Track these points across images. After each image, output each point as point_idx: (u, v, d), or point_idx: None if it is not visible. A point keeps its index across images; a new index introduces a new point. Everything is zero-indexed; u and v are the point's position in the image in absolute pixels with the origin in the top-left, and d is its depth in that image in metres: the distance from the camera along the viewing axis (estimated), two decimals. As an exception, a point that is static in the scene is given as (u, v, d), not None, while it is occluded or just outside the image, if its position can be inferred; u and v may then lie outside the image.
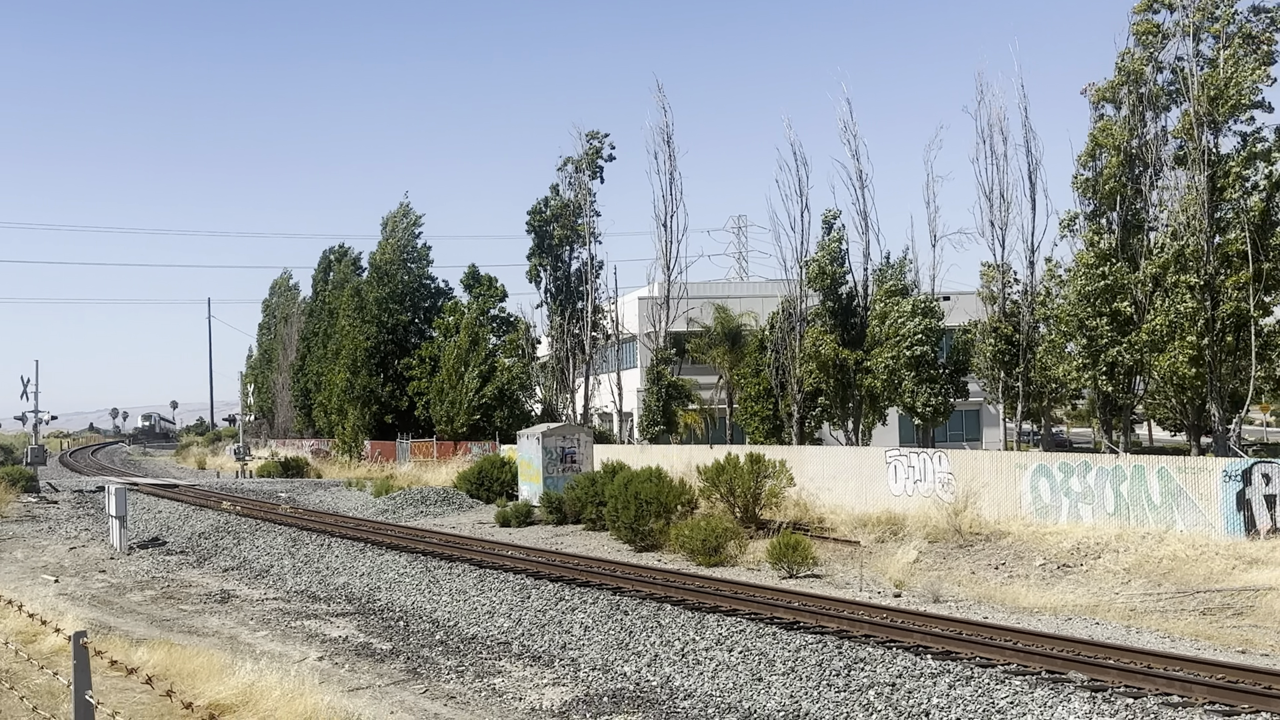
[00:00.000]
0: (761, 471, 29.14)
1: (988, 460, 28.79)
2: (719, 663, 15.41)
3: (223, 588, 24.51)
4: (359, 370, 68.39)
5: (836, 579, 22.59)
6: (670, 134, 50.90)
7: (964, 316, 43.75)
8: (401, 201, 71.77)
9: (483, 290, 63.02)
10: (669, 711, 14.07)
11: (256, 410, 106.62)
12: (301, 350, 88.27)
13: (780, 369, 44.02)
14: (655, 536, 27.63)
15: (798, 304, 43.85)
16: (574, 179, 54.51)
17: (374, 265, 71.51)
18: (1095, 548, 23.40)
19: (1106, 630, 17.13)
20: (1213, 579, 20.63)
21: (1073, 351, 35.21)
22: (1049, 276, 37.98)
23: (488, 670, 16.40)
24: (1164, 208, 33.60)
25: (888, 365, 38.90)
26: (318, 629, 19.70)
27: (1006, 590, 20.77)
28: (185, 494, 42.76)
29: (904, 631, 15.50)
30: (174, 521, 35.08)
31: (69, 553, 30.15)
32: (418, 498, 40.16)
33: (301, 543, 28.50)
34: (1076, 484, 25.77)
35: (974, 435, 61.08)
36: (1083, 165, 35.12)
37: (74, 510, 40.68)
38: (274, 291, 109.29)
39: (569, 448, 36.60)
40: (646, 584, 20.02)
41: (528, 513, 34.35)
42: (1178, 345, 30.53)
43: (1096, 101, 35.21)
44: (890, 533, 27.05)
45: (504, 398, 58.42)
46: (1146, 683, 12.61)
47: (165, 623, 20.20)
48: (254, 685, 11.73)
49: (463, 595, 21.08)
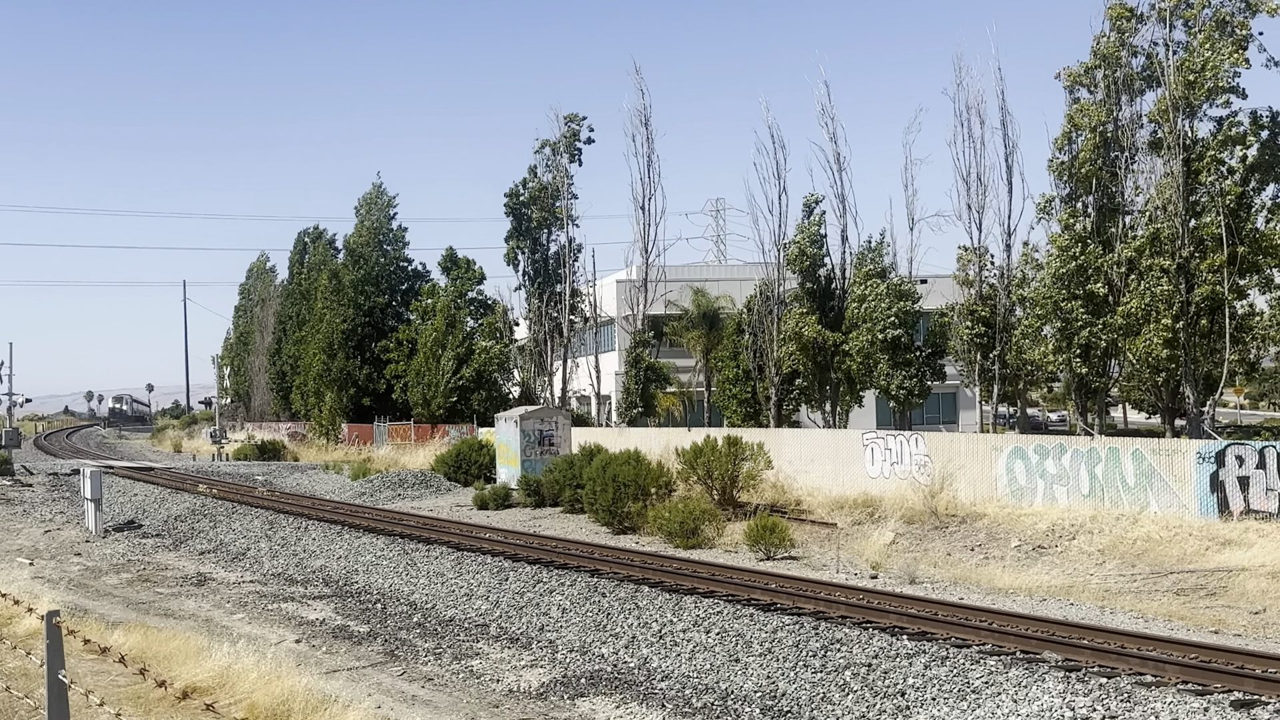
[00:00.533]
0: (739, 454, 29.20)
1: (964, 442, 28.92)
2: (696, 644, 15.45)
3: (199, 570, 24.43)
4: (335, 353, 68.14)
5: (814, 561, 22.68)
6: (648, 116, 50.86)
7: (941, 299, 43.88)
8: (374, 182, 71.24)
9: (460, 273, 62.81)
10: (646, 692, 14.11)
11: (233, 393, 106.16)
12: (278, 333, 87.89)
13: (758, 352, 44.08)
14: (633, 519, 27.67)
15: (775, 287, 43.88)
16: (552, 162, 54.35)
17: (349, 248, 71.10)
18: (1070, 529, 23.56)
19: (1081, 611, 17.26)
20: (1186, 560, 20.81)
21: (1048, 334, 35.36)
22: (1025, 260, 38.12)
23: (465, 652, 16.41)
24: (1140, 191, 33.73)
25: (863, 348, 38.99)
26: (295, 612, 19.66)
27: (982, 571, 20.89)
28: (161, 477, 42.56)
29: (880, 612, 15.57)
30: (150, 504, 34.93)
31: (44, 536, 29.99)
32: (395, 480, 40.09)
33: (279, 526, 28.42)
34: (1052, 466, 25.92)
35: (950, 418, 61.32)
36: (1059, 149, 35.20)
37: (49, 493, 40.45)
38: (251, 274, 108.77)
39: (547, 430, 36.57)
40: (624, 566, 20.05)
41: (506, 495, 34.34)
42: (1153, 328, 30.69)
43: (1070, 85, 35.27)
44: (867, 515, 27.17)
45: (482, 380, 58.32)
46: (1120, 662, 12.71)
47: (141, 605, 20.13)
48: (231, 668, 11.70)
49: (440, 578, 21.07)
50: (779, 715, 13.01)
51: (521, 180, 54.87)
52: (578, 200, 55.15)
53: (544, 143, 54.23)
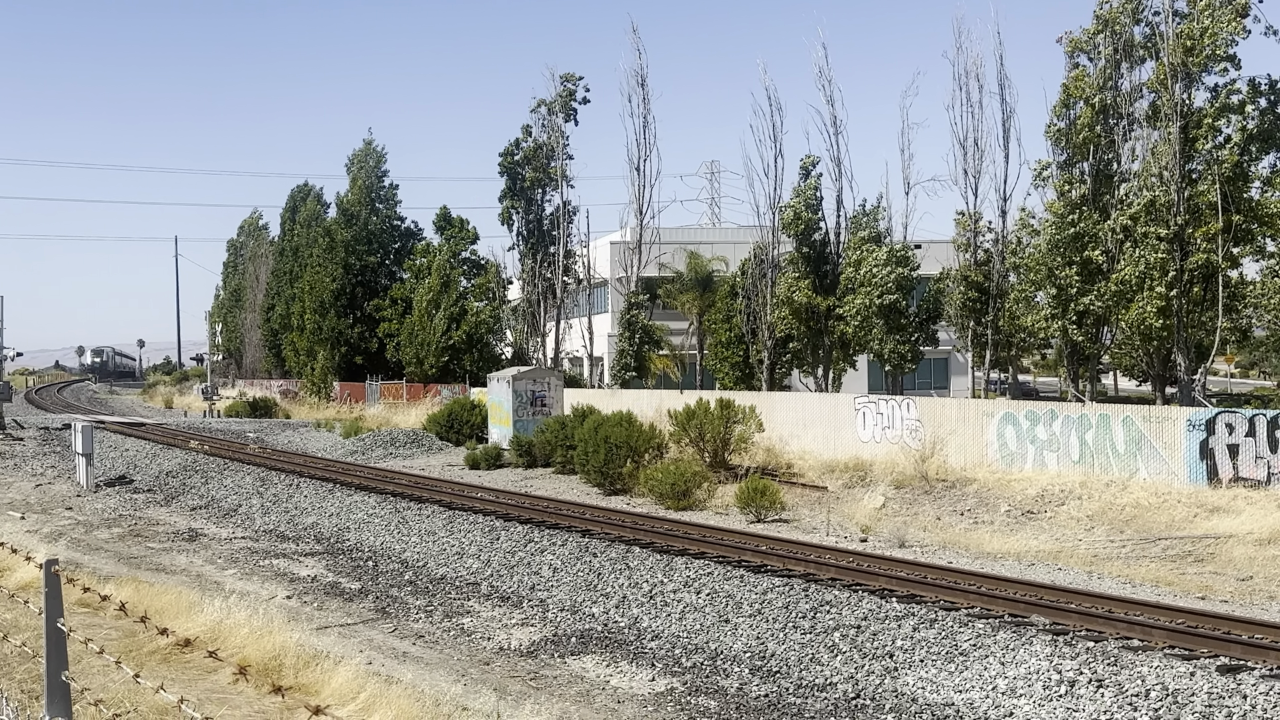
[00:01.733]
0: (731, 417, 29.25)
1: (955, 408, 28.99)
2: (686, 604, 15.52)
3: (190, 526, 24.46)
4: (327, 311, 68.00)
5: (804, 524, 22.77)
6: (645, 77, 50.46)
7: (936, 265, 43.83)
8: (365, 139, 70.66)
9: (454, 232, 62.59)
10: (636, 652, 14.18)
11: (224, 350, 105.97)
12: (271, 290, 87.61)
13: (751, 315, 44.06)
14: (624, 480, 27.74)
15: (770, 250, 43.77)
16: (547, 121, 54.00)
17: (341, 206, 70.75)
18: (1060, 495, 23.67)
19: (1069, 576, 17.36)
20: (1175, 526, 20.92)
21: (1042, 301, 35.37)
22: (1021, 226, 38.06)
23: (456, 610, 16.47)
24: (1136, 158, 33.63)
25: (860, 312, 38.98)
26: (286, 568, 19.71)
27: (971, 536, 20.99)
28: (152, 433, 42.54)
29: (870, 575, 15.65)
30: (141, 460, 34.92)
31: (35, 490, 29.98)
32: (387, 439, 40.12)
33: (270, 482, 28.45)
34: (1042, 432, 26.00)
35: (942, 383, 61.43)
36: (1056, 115, 35.09)
37: (40, 448, 40.40)
38: (242, 231, 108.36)
39: (539, 391, 36.58)
40: (615, 527, 20.11)
41: (497, 456, 34.39)
42: (1146, 296, 30.71)
43: (1071, 51, 35.11)
44: (858, 478, 27.26)
45: (474, 341, 58.24)
46: (1108, 627, 12.80)
47: (133, 560, 20.16)
48: (222, 623, 11.73)
49: (432, 536, 21.12)
50: (768, 675, 13.09)
51: (516, 140, 54.58)
52: (573, 161, 54.91)
53: (540, 102, 53.89)
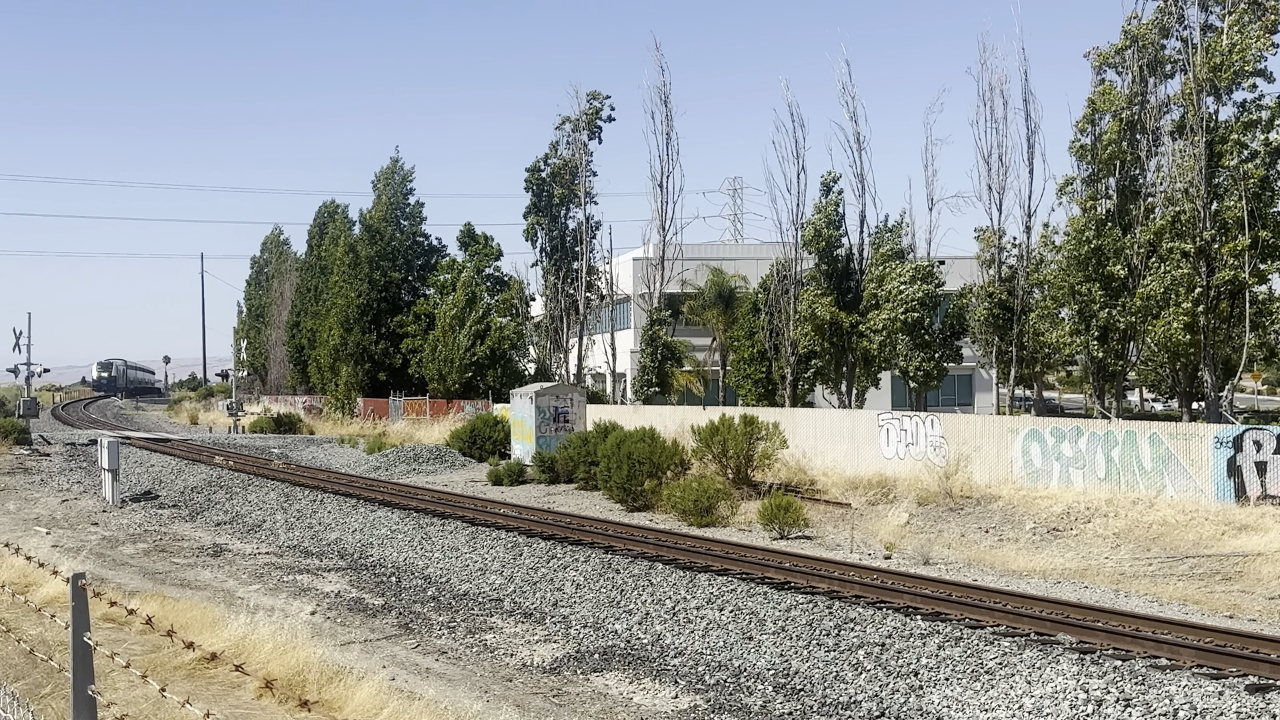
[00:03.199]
0: (754, 433, 29.18)
1: (980, 424, 28.84)
2: (710, 621, 15.48)
3: (215, 541, 24.56)
4: (352, 327, 68.25)
5: (828, 540, 22.68)
6: (668, 93, 50.58)
7: (959, 280, 43.71)
8: (392, 157, 71.16)
9: (478, 249, 62.76)
10: (660, 669, 14.14)
11: (249, 366, 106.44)
12: (296, 307, 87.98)
13: (774, 331, 43.98)
14: (647, 496, 27.70)
15: (793, 266, 43.73)
16: (572, 139, 54.12)
17: (365, 223, 71.10)
18: (1085, 512, 23.51)
19: (1095, 594, 17.22)
20: (1202, 544, 20.74)
21: (1065, 317, 35.22)
22: (1044, 242, 37.92)
23: (479, 626, 16.47)
24: (1162, 174, 33.47)
25: (884, 328, 38.87)
26: (310, 584, 19.75)
27: (996, 553, 20.87)
28: (178, 448, 42.76)
29: (894, 593, 15.57)
30: (166, 475, 35.10)
31: (61, 505, 30.17)
32: (410, 455, 40.20)
33: (294, 498, 28.54)
34: (1068, 449, 25.85)
35: (966, 400, 61.19)
36: (1081, 131, 34.99)
37: (66, 463, 40.67)
38: (265, 247, 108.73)
39: (562, 407, 36.61)
40: (638, 543, 20.08)
41: (520, 471, 34.41)
42: (1172, 312, 30.53)
43: (1099, 66, 35.02)
44: (882, 495, 27.14)
45: (497, 357, 58.34)
46: (1135, 645, 12.69)
47: (158, 575, 20.25)
48: (247, 638, 11.77)
49: (455, 552, 21.14)
50: (792, 693, 13.03)
51: (543, 156, 54.70)
52: (596, 177, 55.01)
53: (564, 119, 54.02)
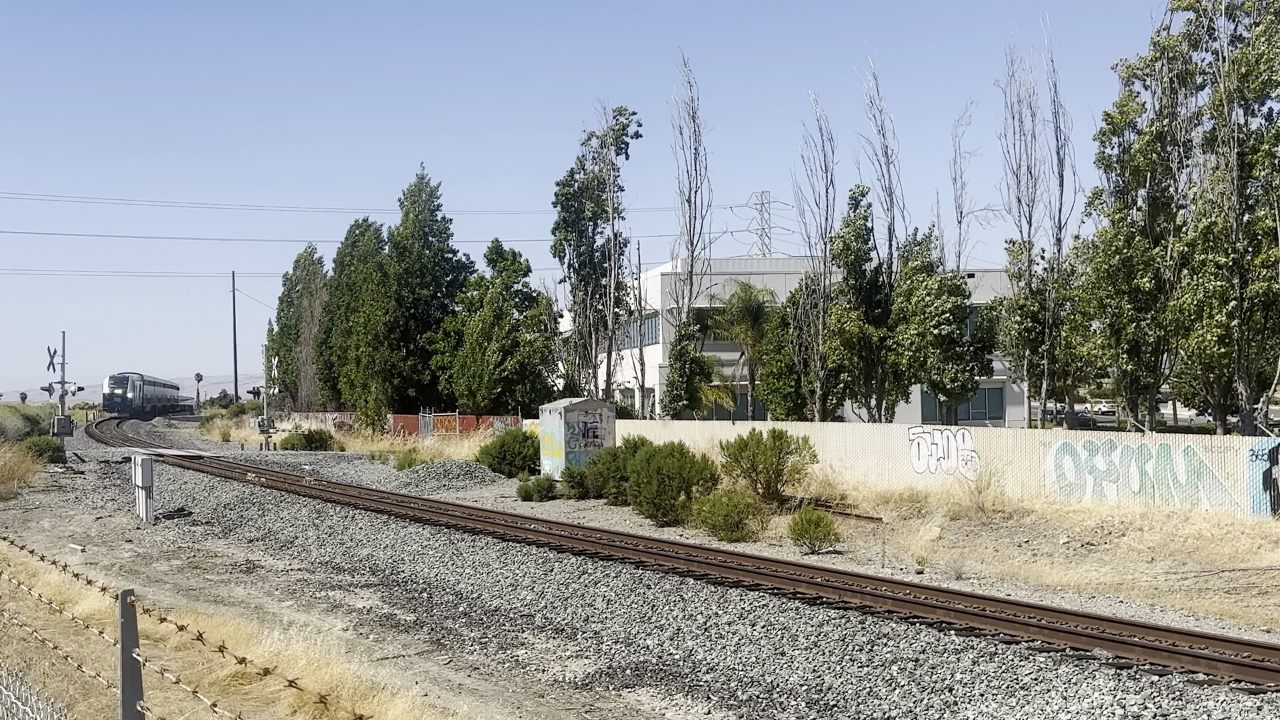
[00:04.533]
0: (784, 448, 29.11)
1: (1011, 438, 28.68)
2: (741, 637, 15.44)
3: (248, 558, 24.69)
4: (381, 344, 68.60)
5: (859, 555, 22.58)
6: (695, 109, 50.68)
7: (989, 294, 43.53)
8: (418, 174, 71.45)
9: (506, 265, 63.00)
10: (692, 684, 14.11)
11: (280, 383, 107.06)
12: (325, 324, 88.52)
13: (803, 346, 43.89)
14: (677, 511, 27.67)
15: (822, 280, 43.65)
16: (599, 154, 54.29)
17: (394, 240, 71.52)
18: (1120, 526, 23.32)
19: (1131, 608, 17.07)
20: (1238, 558, 20.53)
21: (1096, 330, 35.00)
22: (1075, 254, 37.71)
23: (511, 642, 16.49)
24: (1193, 185, 33.26)
25: (914, 342, 38.75)
26: (342, 600, 19.83)
27: (1030, 568, 20.72)
28: (210, 465, 43.05)
29: (927, 608, 15.48)
30: (199, 492, 35.33)
31: (95, 522, 30.41)
32: (440, 471, 40.32)
33: (326, 514, 28.67)
34: (1101, 462, 25.66)
35: (997, 413, 60.87)
36: (1104, 143, 34.81)
37: (100, 480, 41.00)
38: (297, 265, 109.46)
39: (591, 423, 36.65)
40: (669, 558, 20.05)
41: (549, 487, 34.44)
42: (1206, 324, 30.30)
43: (1127, 78, 34.86)
44: (913, 510, 27.02)
45: (526, 372, 58.48)
46: (1172, 660, 12.57)
47: (192, 592, 20.37)
48: (280, 654, 11.84)
49: (486, 568, 21.17)
50: (825, 709, 12.97)
51: (570, 172, 54.89)
52: (624, 193, 55.14)
53: (590, 135, 54.21)
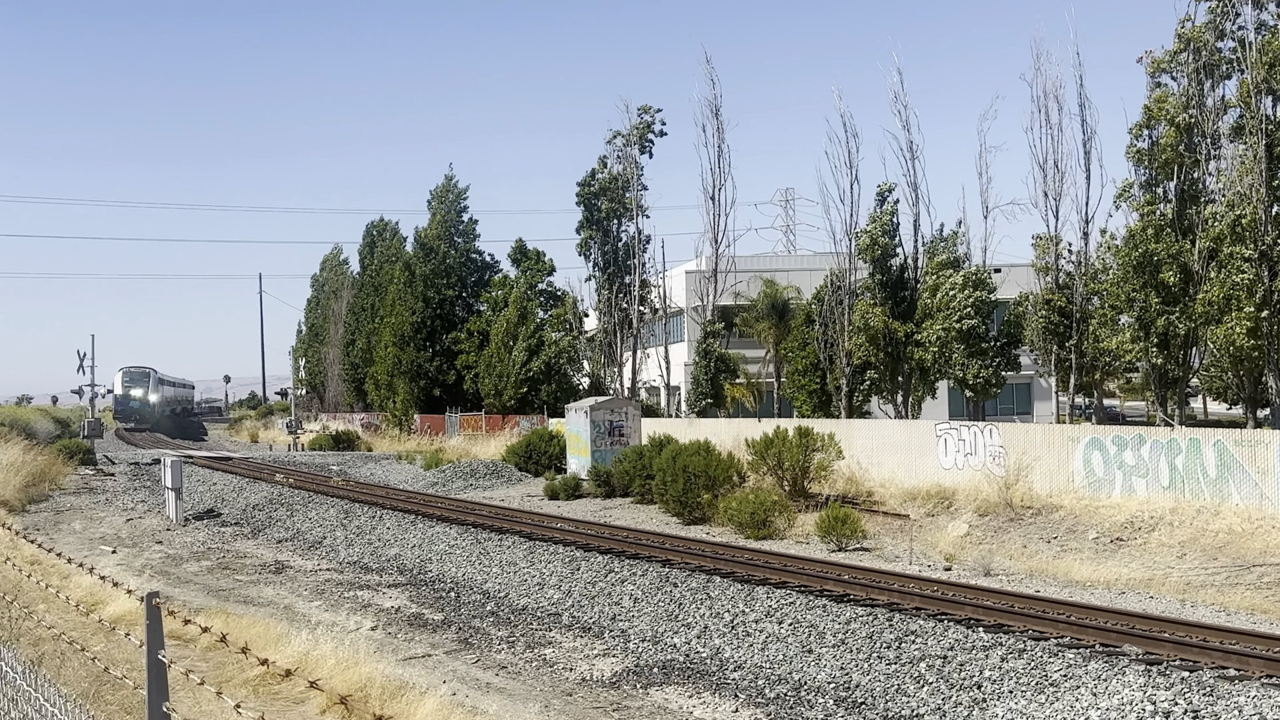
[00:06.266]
0: (810, 445, 29.06)
1: (1039, 433, 28.52)
2: (769, 634, 15.42)
3: (277, 559, 24.83)
4: (407, 345, 68.85)
5: (886, 552, 22.52)
6: (718, 106, 50.58)
7: (1016, 289, 43.28)
8: (446, 175, 71.97)
9: (530, 264, 63.12)
10: (719, 682, 14.10)
11: (307, 384, 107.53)
12: (351, 325, 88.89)
13: (828, 342, 43.77)
14: (703, 510, 27.66)
15: (847, 276, 43.51)
16: (622, 153, 54.28)
17: (420, 240, 71.78)
18: (1149, 521, 23.16)
19: (1161, 604, 16.97)
20: (1269, 553, 20.35)
21: (1124, 324, 34.74)
22: (1105, 247, 37.43)
23: (539, 641, 16.52)
24: (1221, 178, 32.97)
25: (939, 337, 38.59)
26: (370, 599, 19.91)
27: (1059, 564, 20.61)
28: (239, 467, 43.31)
29: (955, 604, 15.43)
30: (228, 494, 35.55)
31: (126, 524, 30.63)
32: (467, 470, 40.43)
33: (353, 515, 28.79)
34: (1130, 457, 25.49)
35: (1025, 409, 60.53)
36: (1136, 136, 34.56)
37: (130, 482, 41.31)
38: (324, 266, 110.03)
39: (617, 421, 36.67)
40: (695, 556, 20.06)
41: (576, 486, 34.49)
42: (1234, 317, 30.04)
43: (1153, 71, 34.58)
44: (940, 506, 26.92)
45: (551, 371, 58.58)
46: (1203, 656, 12.48)
47: (221, 593, 20.50)
48: (309, 654, 11.90)
49: (513, 567, 21.22)
50: (853, 707, 12.94)
51: (592, 171, 54.91)
52: (648, 191, 55.11)
53: (615, 134, 54.18)
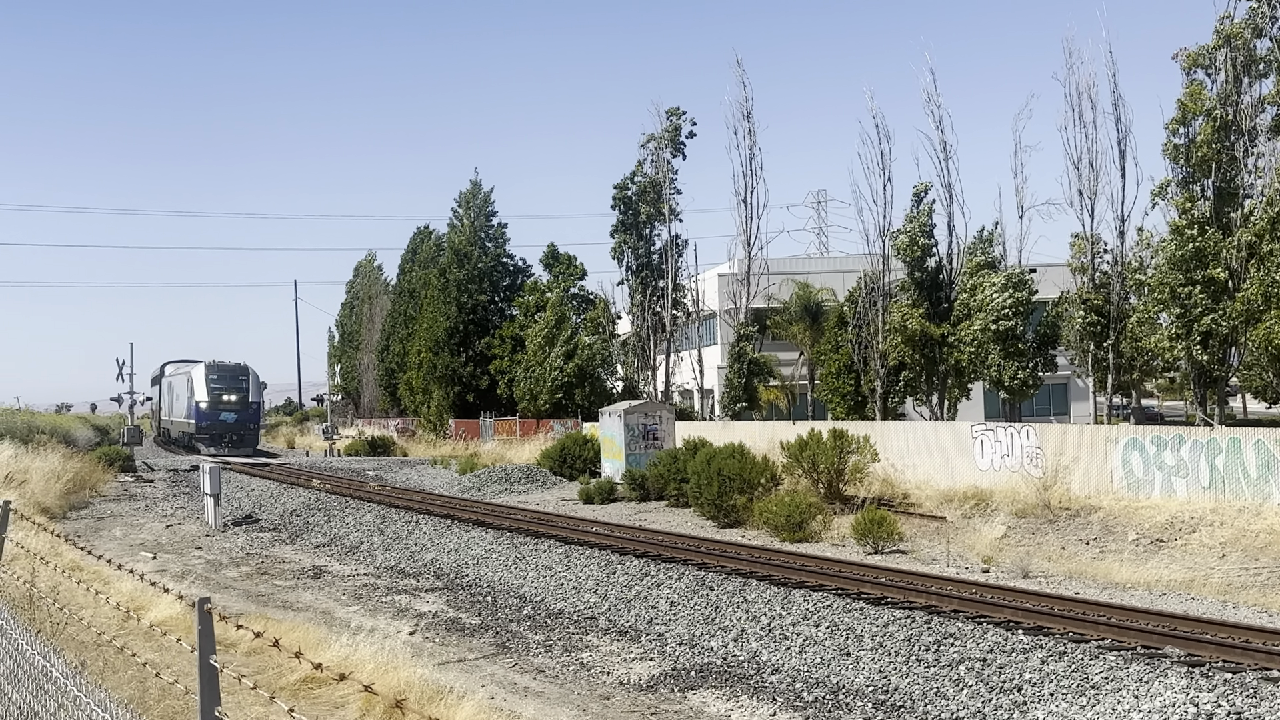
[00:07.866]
0: (845, 447, 28.96)
1: (1077, 434, 28.30)
2: (806, 638, 15.38)
3: (315, 564, 24.98)
4: (441, 350, 69.11)
5: (923, 554, 22.41)
6: (750, 109, 50.47)
7: (1052, 289, 42.97)
8: (472, 180, 71.85)
9: (562, 269, 63.20)
10: (756, 686, 14.08)
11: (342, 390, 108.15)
12: (386, 331, 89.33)
13: (862, 344, 43.60)
14: (738, 513, 27.61)
15: (881, 278, 43.32)
16: (656, 156, 54.26)
17: (452, 246, 72.00)
18: (1190, 522, 22.94)
19: (1202, 605, 16.80)
20: (1313, 554, 20.12)
21: (1165, 322, 34.41)
22: (1142, 245, 37.10)
23: (575, 645, 16.54)
24: (1260, 174, 32.62)
25: (975, 338, 38.38)
26: (408, 604, 20.00)
27: (1098, 565, 20.45)
28: (276, 472, 43.61)
29: (994, 607, 15.33)
30: (266, 499, 35.81)
31: (166, 530, 30.91)
32: (502, 475, 40.54)
33: (390, 520, 28.94)
34: (1170, 457, 25.25)
35: (1061, 409, 60.08)
36: (1172, 133, 34.25)
37: (169, 489, 41.66)
38: (358, 273, 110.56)
39: (651, 425, 36.67)
40: (731, 560, 20.03)
41: (610, 490, 34.52)
42: (1274, 315, 29.72)
43: (1189, 67, 34.26)
44: (977, 508, 26.75)
45: (585, 375, 58.62)
46: (1245, 657, 12.36)
47: (260, 598, 20.65)
48: (349, 659, 11.97)
49: (549, 571, 21.26)
50: (892, 710, 12.88)
51: (630, 174, 54.91)
52: (681, 195, 55.05)
53: (649, 137, 54.14)
